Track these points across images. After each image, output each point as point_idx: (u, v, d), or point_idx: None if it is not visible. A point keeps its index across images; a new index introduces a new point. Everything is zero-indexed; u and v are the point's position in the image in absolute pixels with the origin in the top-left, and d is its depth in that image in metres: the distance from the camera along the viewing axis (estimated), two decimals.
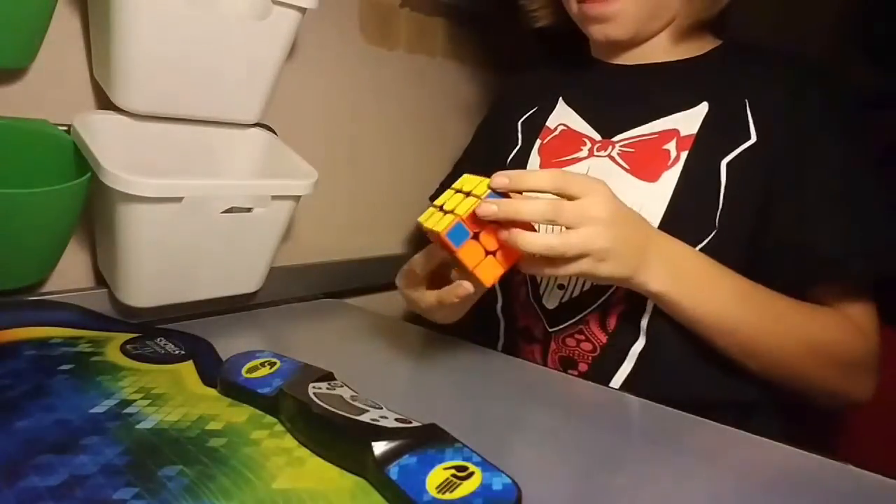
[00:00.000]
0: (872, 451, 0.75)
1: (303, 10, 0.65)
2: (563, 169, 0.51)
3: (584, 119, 0.72)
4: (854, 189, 0.59)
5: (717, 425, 0.48)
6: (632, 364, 0.61)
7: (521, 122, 0.78)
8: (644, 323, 0.60)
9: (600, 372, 0.62)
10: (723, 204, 0.60)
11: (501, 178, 0.47)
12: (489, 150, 0.82)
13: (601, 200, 0.49)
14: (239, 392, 0.46)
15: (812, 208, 0.58)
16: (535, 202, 0.47)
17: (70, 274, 0.66)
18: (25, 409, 0.42)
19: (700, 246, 0.59)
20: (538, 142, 0.74)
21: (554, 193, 0.49)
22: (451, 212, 0.48)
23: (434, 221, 0.49)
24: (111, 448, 0.38)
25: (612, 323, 0.62)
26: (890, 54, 0.93)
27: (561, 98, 0.76)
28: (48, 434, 0.39)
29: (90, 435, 0.39)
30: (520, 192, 0.48)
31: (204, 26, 0.60)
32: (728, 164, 0.60)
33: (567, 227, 0.49)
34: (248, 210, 0.65)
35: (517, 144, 0.76)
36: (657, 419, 0.50)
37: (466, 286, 0.50)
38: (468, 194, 0.49)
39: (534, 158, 0.73)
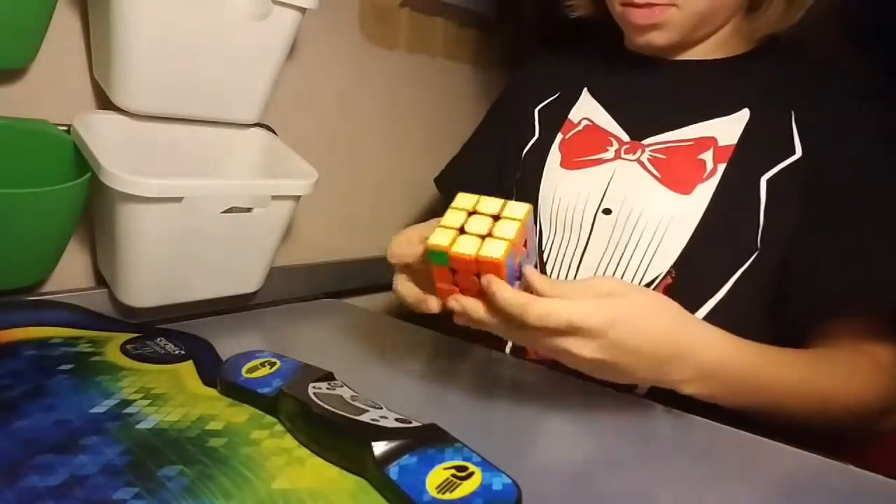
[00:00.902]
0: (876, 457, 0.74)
1: (303, 10, 0.65)
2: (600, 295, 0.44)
3: (611, 115, 0.67)
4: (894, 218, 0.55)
5: (718, 426, 0.48)
6: (646, 388, 0.59)
7: (539, 110, 0.73)
8: None
9: (615, 388, 0.60)
10: (763, 223, 0.56)
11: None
12: (502, 136, 0.77)
13: (596, 343, 0.43)
14: (239, 392, 0.46)
15: (847, 236, 0.55)
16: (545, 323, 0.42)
17: (70, 274, 0.66)
18: (25, 409, 0.42)
19: (743, 269, 0.56)
20: (559, 136, 0.69)
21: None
22: (483, 236, 0.43)
23: (473, 245, 0.43)
24: (111, 448, 0.38)
25: None
26: (889, 54, 0.93)
27: (586, 89, 0.71)
28: (48, 434, 0.39)
29: (90, 435, 0.39)
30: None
31: (204, 26, 0.60)
32: (769, 181, 0.56)
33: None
34: (248, 210, 0.65)
35: (534, 135, 0.72)
36: (658, 420, 0.50)
37: (432, 305, 0.48)
38: (496, 218, 0.44)
39: (553, 154, 0.68)
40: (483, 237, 0.43)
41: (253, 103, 0.69)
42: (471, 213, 0.45)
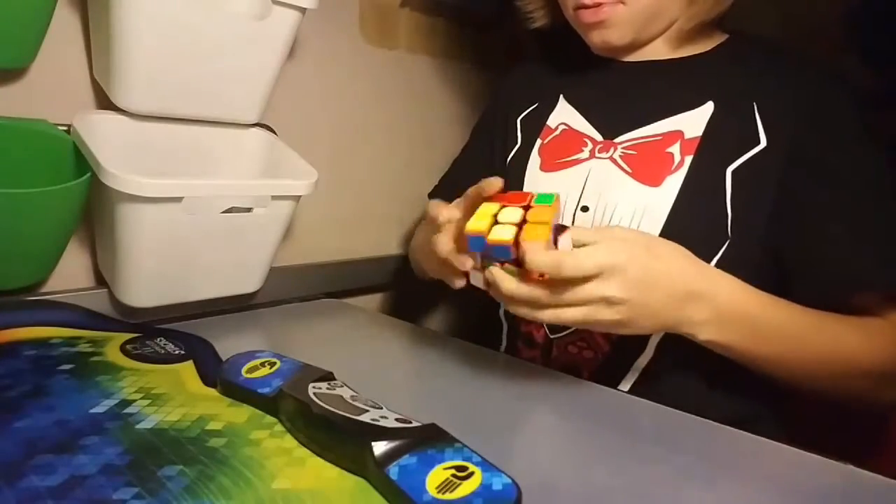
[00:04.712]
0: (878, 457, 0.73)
1: (303, 10, 0.65)
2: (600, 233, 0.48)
3: (585, 118, 0.70)
4: (882, 198, 0.56)
5: (718, 426, 0.48)
6: (635, 376, 0.60)
7: (521, 120, 0.76)
8: (654, 340, 0.59)
9: (602, 382, 0.59)
10: (732, 213, 0.58)
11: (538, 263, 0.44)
12: (488, 148, 0.80)
13: (621, 278, 0.46)
14: (239, 392, 0.46)
15: (840, 222, 0.56)
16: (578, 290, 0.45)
17: (70, 274, 0.66)
18: (25, 409, 0.42)
19: (717, 257, 0.57)
20: (538, 141, 0.72)
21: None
22: (519, 224, 0.46)
23: (504, 232, 0.45)
24: (111, 448, 0.38)
25: None
26: (887, 55, 0.93)
27: (562, 95, 0.74)
28: (48, 434, 0.39)
29: (90, 435, 0.39)
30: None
31: (204, 26, 0.60)
32: (734, 172, 0.58)
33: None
34: (248, 210, 0.65)
35: (517, 143, 0.75)
36: (658, 420, 0.50)
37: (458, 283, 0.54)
38: (526, 208, 0.47)
39: (534, 159, 0.71)
40: (517, 225, 0.46)
41: (253, 103, 0.69)
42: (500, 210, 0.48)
